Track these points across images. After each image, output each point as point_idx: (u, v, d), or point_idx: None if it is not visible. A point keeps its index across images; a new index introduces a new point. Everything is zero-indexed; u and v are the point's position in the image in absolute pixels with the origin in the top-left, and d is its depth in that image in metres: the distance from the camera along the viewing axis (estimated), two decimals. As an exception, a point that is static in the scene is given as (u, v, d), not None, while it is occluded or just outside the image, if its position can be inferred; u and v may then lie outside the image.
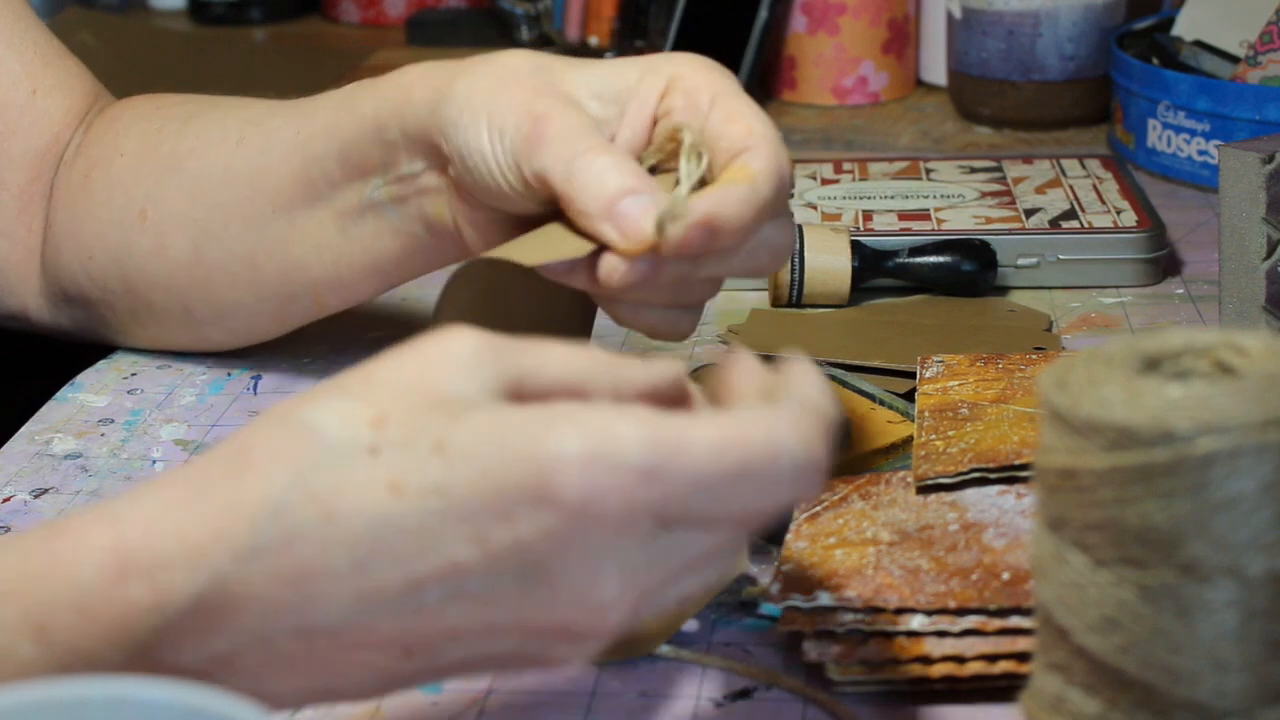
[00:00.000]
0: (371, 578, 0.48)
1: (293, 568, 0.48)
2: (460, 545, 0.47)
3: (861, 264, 0.93)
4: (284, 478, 0.48)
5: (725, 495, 0.49)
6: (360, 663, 0.49)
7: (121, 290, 0.87)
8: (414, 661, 0.50)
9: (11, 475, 0.80)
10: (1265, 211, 0.82)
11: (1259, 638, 0.52)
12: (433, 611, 0.48)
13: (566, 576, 0.48)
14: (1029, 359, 0.80)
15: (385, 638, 0.49)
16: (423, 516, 0.47)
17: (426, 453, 0.47)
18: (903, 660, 0.61)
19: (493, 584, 0.48)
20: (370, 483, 0.47)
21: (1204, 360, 0.54)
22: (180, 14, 1.77)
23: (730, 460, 0.48)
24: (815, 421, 0.50)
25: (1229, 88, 1.12)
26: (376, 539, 0.47)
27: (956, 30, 1.30)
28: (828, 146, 1.27)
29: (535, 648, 0.50)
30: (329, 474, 0.48)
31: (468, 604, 0.48)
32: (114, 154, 0.87)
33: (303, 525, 0.47)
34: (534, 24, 1.54)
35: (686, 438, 0.48)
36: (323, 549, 0.47)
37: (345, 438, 0.48)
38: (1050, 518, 0.54)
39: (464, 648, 0.50)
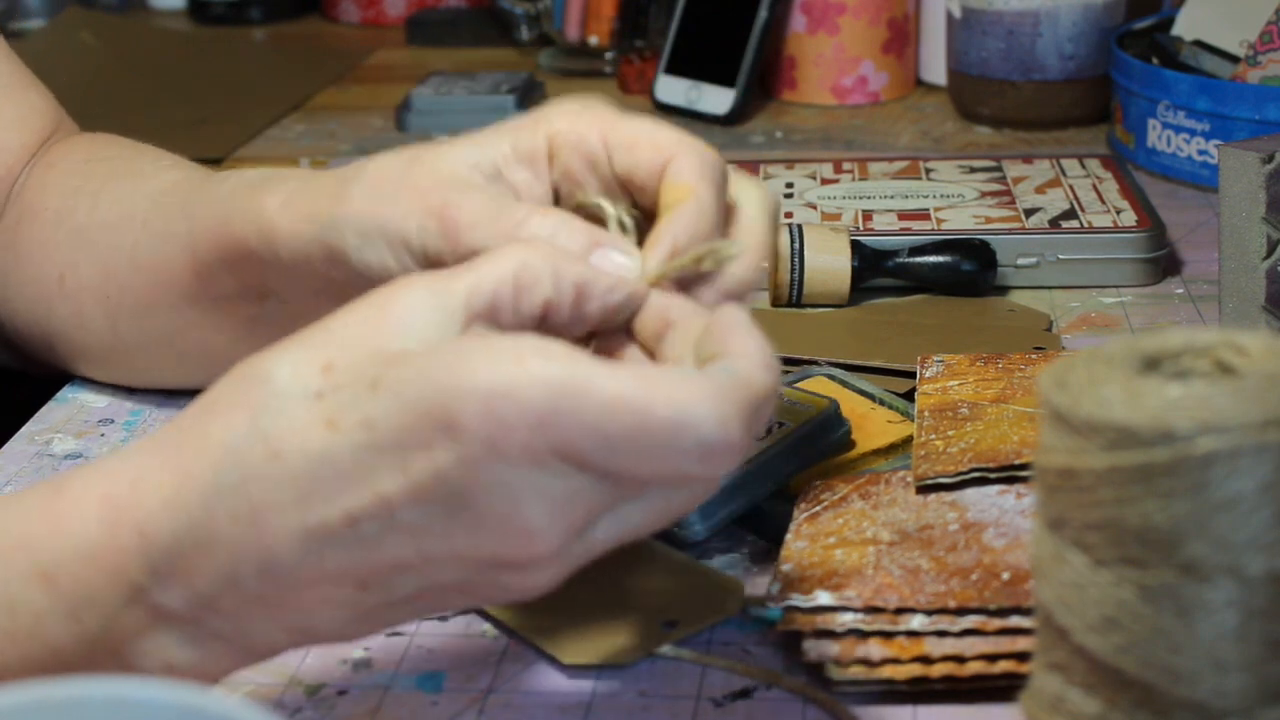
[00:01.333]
0: (314, 512, 0.50)
1: (248, 506, 0.51)
2: (386, 476, 0.50)
3: (861, 264, 0.93)
4: (240, 422, 0.51)
5: (624, 454, 0.50)
6: (323, 598, 0.52)
7: (43, 347, 0.86)
8: (371, 593, 0.52)
9: (11, 475, 0.80)
10: (1265, 211, 0.82)
11: (1259, 638, 0.52)
12: (372, 544, 0.51)
13: (487, 504, 0.50)
14: (1029, 359, 0.80)
15: (336, 572, 0.51)
16: (353, 450, 0.50)
17: (362, 390, 0.50)
18: (903, 660, 0.61)
19: (421, 514, 0.50)
20: (311, 422, 0.51)
21: (1204, 360, 0.54)
22: (180, 14, 1.77)
23: (627, 422, 0.49)
24: (739, 398, 0.50)
25: (1229, 88, 1.12)
26: (315, 474, 0.50)
27: (956, 30, 1.30)
28: (828, 146, 1.27)
29: (481, 578, 0.52)
30: (277, 416, 0.51)
31: (403, 535, 0.51)
32: (40, 208, 0.85)
33: (254, 466, 0.51)
34: (534, 24, 1.54)
35: (590, 387, 0.49)
36: (272, 487, 0.51)
37: (295, 384, 0.51)
38: (1050, 518, 0.54)
39: (414, 578, 0.52)
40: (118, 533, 0.53)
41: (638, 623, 0.66)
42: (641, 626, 0.65)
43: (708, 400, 0.50)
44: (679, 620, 0.66)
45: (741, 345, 0.53)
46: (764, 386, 0.52)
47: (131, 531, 0.52)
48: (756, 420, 0.52)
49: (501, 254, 0.54)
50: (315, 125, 1.36)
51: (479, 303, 0.53)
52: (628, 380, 0.49)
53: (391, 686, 0.64)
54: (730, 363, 0.52)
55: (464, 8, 1.65)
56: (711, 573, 0.69)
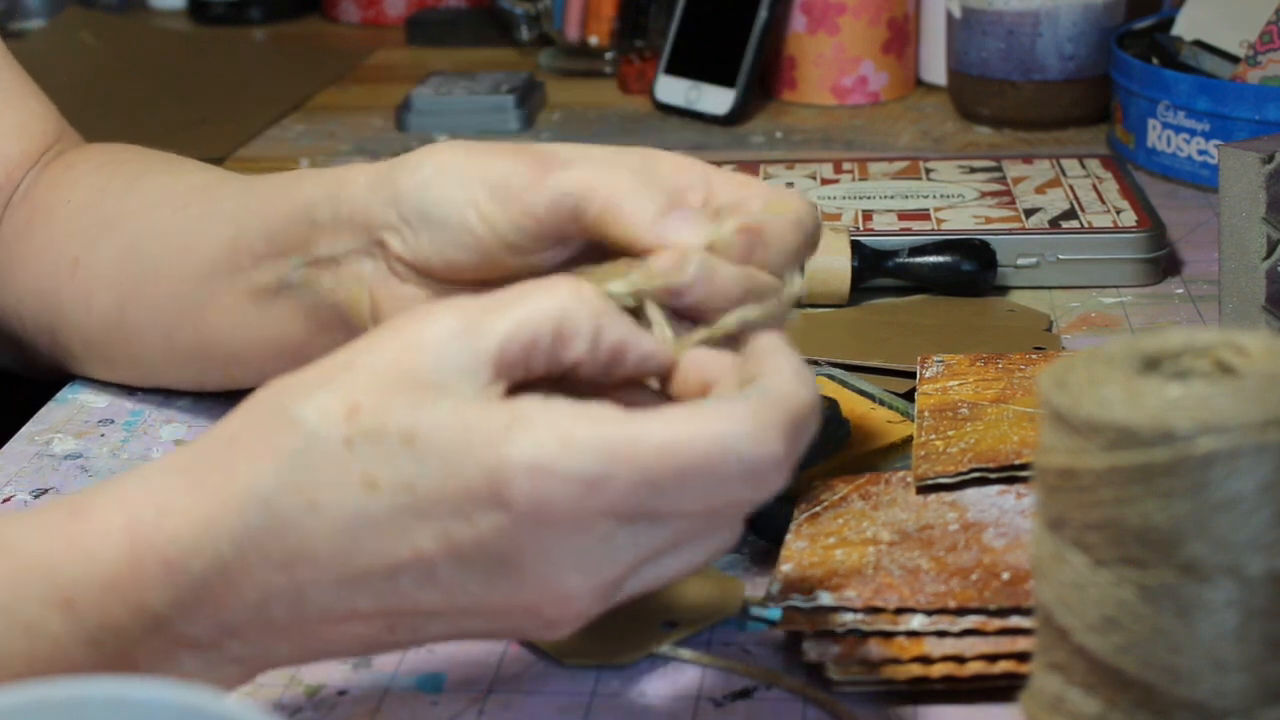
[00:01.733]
0: (351, 565, 0.51)
1: (282, 553, 0.51)
2: (428, 539, 0.51)
3: (861, 264, 0.93)
4: (269, 469, 0.51)
5: (676, 494, 0.50)
6: (349, 634, 0.53)
7: (47, 339, 0.87)
8: (398, 635, 0.53)
9: (11, 475, 0.80)
10: (1265, 211, 0.82)
11: (1259, 637, 0.51)
12: (408, 594, 0.52)
13: (528, 571, 0.51)
14: (1029, 359, 0.80)
15: (368, 614, 0.52)
16: (394, 511, 0.50)
17: (396, 446, 0.50)
18: (903, 660, 0.61)
19: (459, 574, 0.51)
20: (347, 476, 0.51)
21: (1204, 360, 0.54)
22: (180, 14, 1.77)
23: (678, 462, 0.50)
24: (776, 415, 0.51)
25: (1229, 88, 1.12)
26: (353, 531, 0.51)
27: (956, 30, 1.30)
28: (828, 146, 1.27)
29: (509, 627, 0.53)
30: (309, 467, 0.51)
31: (439, 589, 0.52)
32: (59, 202, 0.86)
33: (289, 515, 0.51)
34: (534, 24, 1.54)
35: (636, 442, 0.49)
36: (308, 537, 0.51)
37: (322, 428, 0.51)
38: (1050, 518, 0.54)
39: (442, 624, 0.53)
40: (141, 563, 0.52)
41: (637, 623, 0.66)
42: (641, 627, 0.65)
43: (744, 421, 0.50)
44: (679, 621, 0.66)
45: (775, 365, 0.53)
46: (800, 400, 0.52)
47: (156, 564, 0.52)
48: (799, 434, 0.52)
49: (544, 296, 0.53)
50: (315, 125, 1.36)
51: (513, 351, 0.52)
52: (666, 424, 0.50)
53: (391, 686, 0.64)
54: (764, 382, 0.52)
55: (464, 8, 1.65)
56: (712, 573, 0.69)
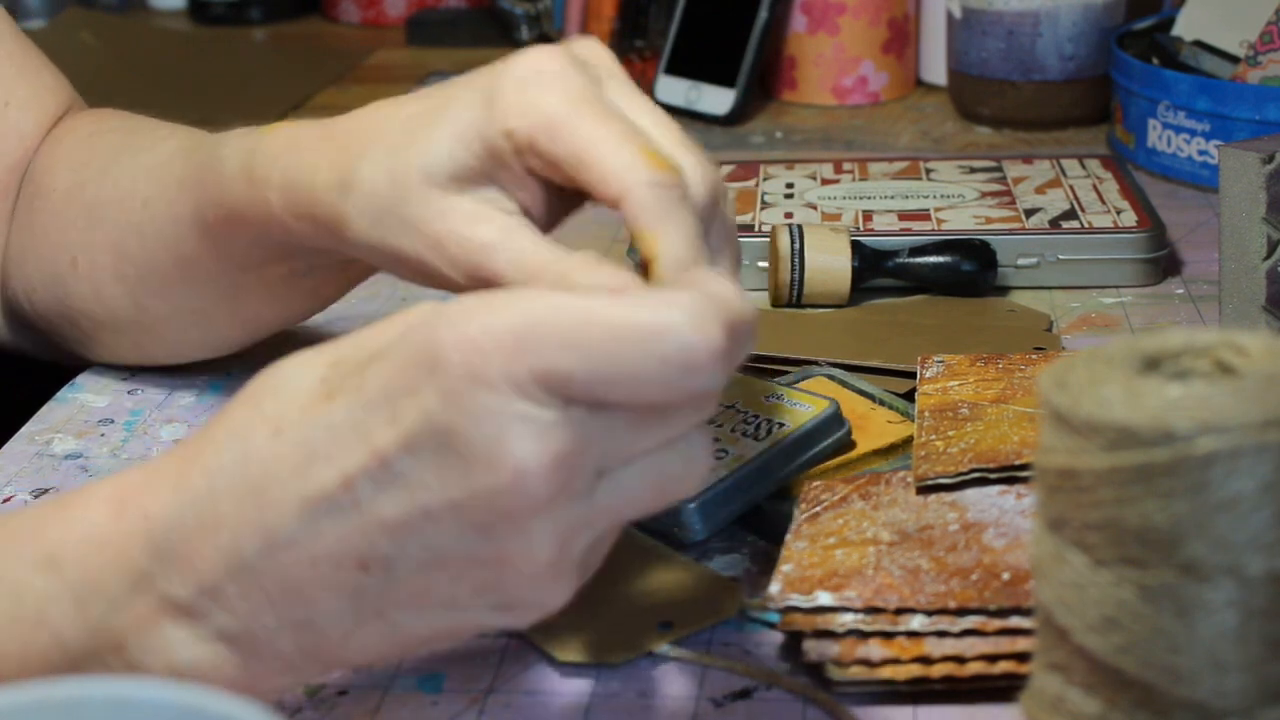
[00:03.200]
0: (312, 479, 0.51)
1: (247, 482, 0.52)
2: (379, 430, 0.50)
3: (861, 264, 0.93)
4: (243, 411, 0.53)
5: (605, 369, 0.49)
6: (324, 583, 0.52)
7: (66, 325, 0.86)
8: (373, 575, 0.52)
9: (11, 475, 0.80)
10: (1265, 211, 0.82)
11: (1259, 638, 0.52)
12: (369, 506, 0.51)
13: (475, 439, 0.49)
14: (1029, 359, 0.80)
15: (336, 545, 0.51)
16: (347, 411, 0.51)
17: (361, 365, 0.52)
18: (903, 660, 0.61)
19: (413, 463, 0.50)
20: (311, 397, 0.52)
21: (1204, 360, 0.54)
22: (180, 14, 1.77)
23: (603, 331, 0.49)
24: (715, 308, 0.50)
25: (1229, 88, 1.12)
26: (310, 441, 0.51)
27: (956, 30, 1.30)
28: (828, 146, 1.27)
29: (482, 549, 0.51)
30: (281, 399, 0.53)
31: (398, 491, 0.51)
32: (48, 189, 0.86)
33: (256, 443, 0.52)
34: (534, 24, 1.54)
35: (564, 303, 0.49)
36: (271, 459, 0.52)
37: (301, 374, 0.53)
38: (1050, 518, 0.54)
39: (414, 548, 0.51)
40: (124, 517, 0.53)
41: (634, 623, 0.66)
42: (638, 627, 0.65)
43: (684, 307, 0.50)
44: (675, 622, 0.66)
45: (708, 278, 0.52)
46: (741, 306, 0.51)
47: (137, 515, 0.53)
48: (736, 339, 0.51)
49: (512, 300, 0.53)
50: (315, 125, 1.36)
51: None
52: (602, 297, 0.50)
53: (391, 686, 0.64)
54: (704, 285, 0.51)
55: (464, 8, 1.65)
56: (710, 574, 0.69)
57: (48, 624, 0.53)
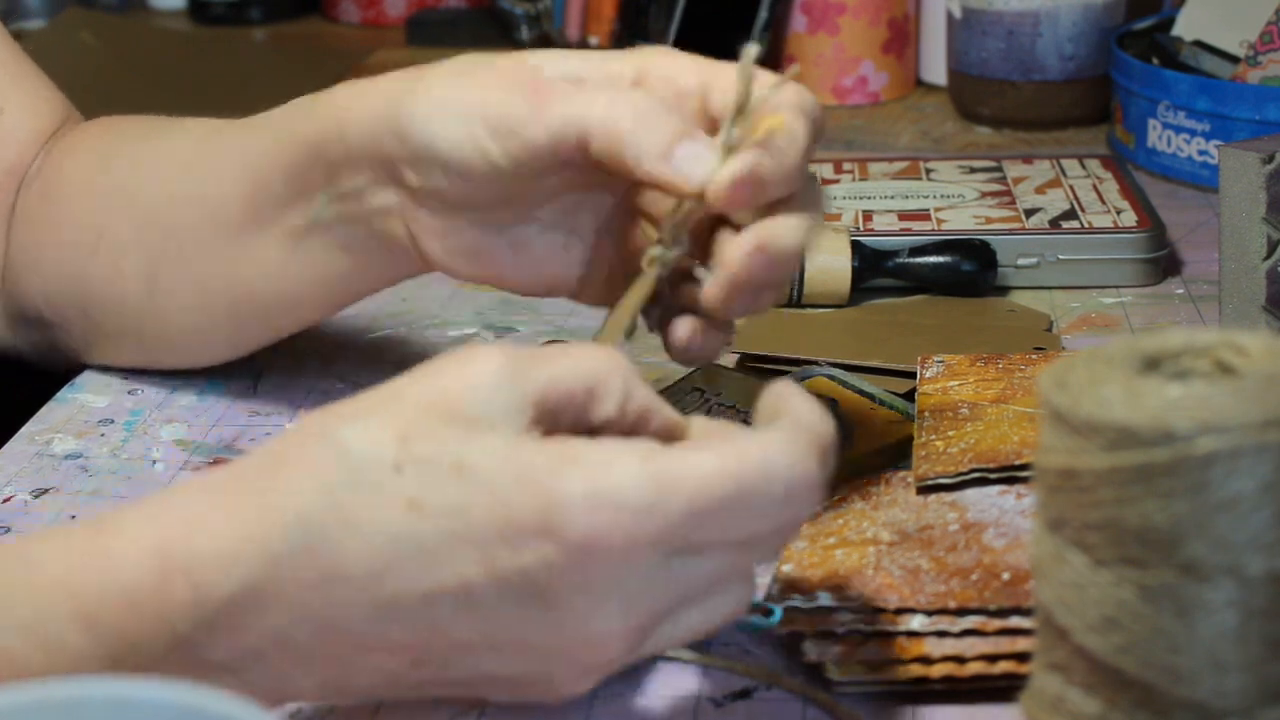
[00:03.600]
0: (387, 588, 0.51)
1: (316, 573, 0.51)
2: (471, 566, 0.50)
3: (861, 264, 0.93)
4: (313, 489, 0.51)
5: (723, 521, 0.51)
6: (373, 666, 0.52)
7: (77, 314, 0.86)
8: (422, 671, 0.52)
9: (12, 475, 0.80)
10: (1265, 211, 0.82)
11: (1259, 638, 0.51)
12: (443, 625, 0.51)
13: (569, 606, 0.51)
14: (1029, 359, 0.80)
15: (398, 644, 0.52)
16: (438, 535, 0.50)
17: (445, 473, 0.50)
18: (903, 660, 0.61)
19: (499, 604, 0.51)
20: (392, 498, 0.50)
21: (1204, 360, 0.54)
22: (180, 14, 1.77)
23: (726, 488, 0.51)
24: (808, 440, 0.53)
25: (1229, 88, 1.12)
26: (394, 552, 0.50)
27: (956, 30, 1.30)
28: (828, 146, 1.27)
29: (538, 671, 0.52)
30: (354, 487, 0.51)
31: (476, 620, 0.51)
32: (69, 178, 0.86)
33: (327, 534, 0.51)
34: (534, 24, 1.54)
35: (684, 471, 0.51)
36: (344, 558, 0.51)
37: (371, 453, 0.51)
38: (1050, 518, 0.54)
39: (470, 663, 0.52)
40: (168, 582, 0.52)
41: None
42: None
43: (782, 447, 0.52)
44: None
45: (795, 405, 0.54)
46: (825, 431, 0.54)
47: (184, 583, 0.51)
48: (827, 460, 0.54)
49: (582, 358, 0.55)
50: (315, 125, 1.36)
51: (553, 398, 0.54)
52: (712, 454, 0.51)
53: (391, 686, 0.63)
54: (790, 414, 0.54)
55: (464, 8, 1.65)
56: None
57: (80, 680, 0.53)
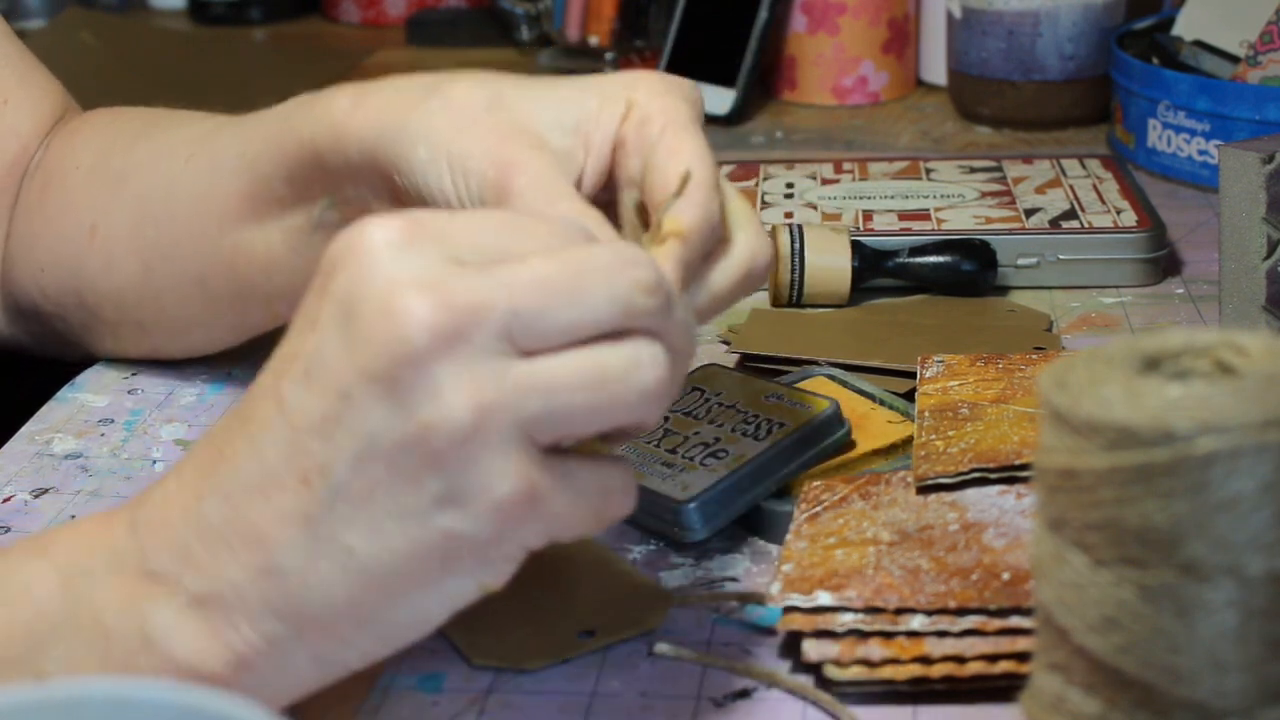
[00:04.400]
0: (252, 416, 0.54)
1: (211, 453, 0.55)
2: (298, 339, 0.54)
3: (861, 264, 0.93)
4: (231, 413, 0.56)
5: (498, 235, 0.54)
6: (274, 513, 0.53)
7: (74, 304, 0.87)
8: (314, 488, 0.52)
9: (11, 475, 0.80)
10: (1265, 211, 0.82)
11: (1259, 638, 0.52)
12: (296, 414, 0.53)
13: (370, 299, 0.52)
14: (1029, 359, 0.80)
15: (275, 465, 0.53)
16: (283, 343, 0.55)
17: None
18: (903, 660, 0.61)
19: (325, 351, 0.53)
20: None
21: (1204, 360, 0.54)
22: (180, 14, 1.77)
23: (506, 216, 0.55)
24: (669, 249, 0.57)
25: (1229, 88, 1.12)
26: (254, 390, 0.55)
27: (956, 30, 1.30)
28: (828, 146, 1.27)
29: (398, 416, 0.52)
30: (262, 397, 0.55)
31: (315, 384, 0.53)
32: (69, 169, 0.87)
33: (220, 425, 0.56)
34: (534, 24, 1.54)
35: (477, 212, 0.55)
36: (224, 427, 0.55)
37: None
38: (1050, 518, 0.54)
39: (344, 444, 0.52)
40: (114, 511, 0.57)
41: (554, 629, 0.65)
42: (558, 633, 0.65)
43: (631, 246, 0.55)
44: (598, 630, 0.65)
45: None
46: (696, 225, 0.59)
47: (124, 508, 0.57)
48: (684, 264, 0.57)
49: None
50: (315, 125, 1.36)
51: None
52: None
53: (391, 686, 0.64)
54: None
55: (464, 8, 1.65)
56: (640, 583, 0.68)
57: (32, 597, 0.56)
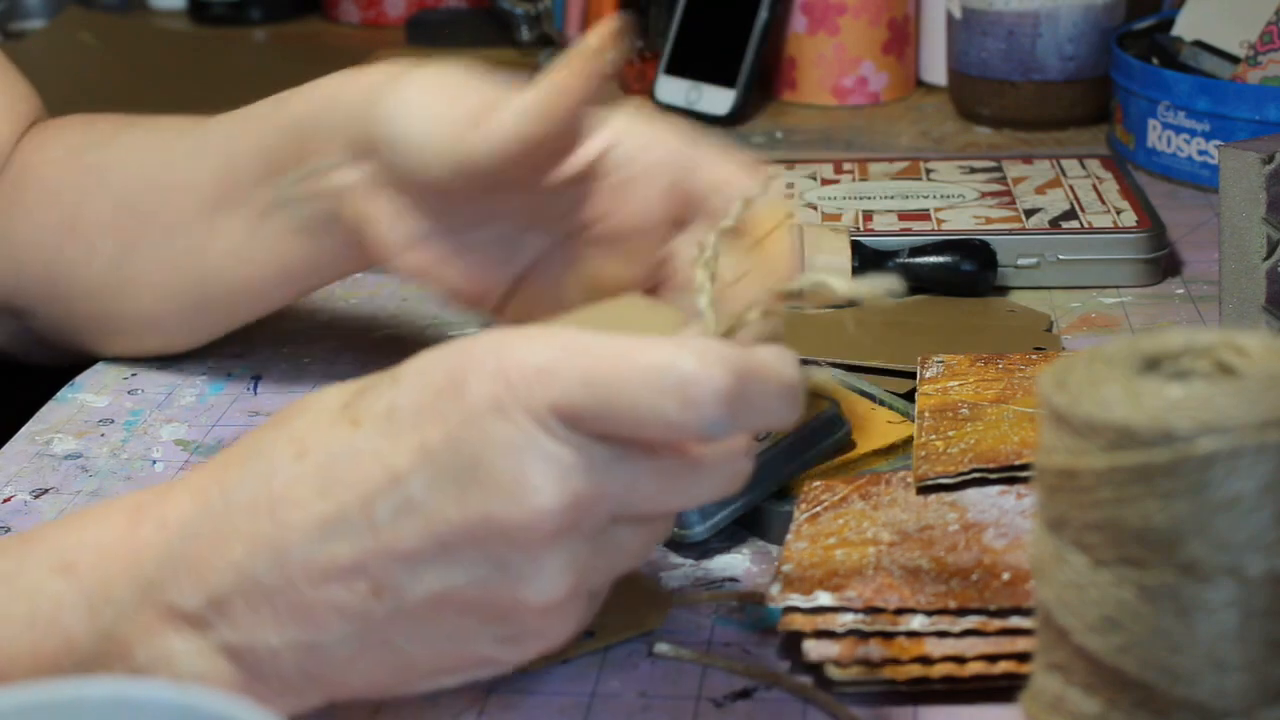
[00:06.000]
0: (329, 500, 0.52)
1: (267, 498, 0.53)
2: (401, 455, 0.52)
3: (861, 264, 0.93)
4: (272, 431, 0.55)
5: (613, 402, 0.51)
6: (332, 603, 0.52)
7: (46, 299, 0.87)
8: (382, 600, 0.52)
9: (11, 475, 0.80)
10: (1265, 211, 0.82)
11: (1259, 638, 0.52)
12: (384, 532, 0.52)
13: (497, 471, 0.51)
14: (1029, 359, 0.80)
15: (348, 564, 0.52)
16: (373, 438, 0.52)
17: (385, 386, 0.53)
18: (903, 660, 0.61)
19: (433, 492, 0.51)
20: (337, 421, 0.53)
21: (1204, 360, 0.54)
22: (180, 14, 1.77)
23: (614, 368, 0.51)
24: (727, 354, 0.51)
25: (1229, 88, 1.12)
26: (333, 464, 0.53)
27: (956, 30, 1.30)
28: (828, 146, 1.27)
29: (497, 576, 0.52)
30: (308, 424, 0.54)
31: (416, 518, 0.51)
32: (43, 162, 0.88)
33: (278, 462, 0.53)
34: (534, 24, 1.54)
35: (587, 345, 0.51)
36: (292, 480, 0.53)
37: (329, 401, 0.55)
38: (1050, 518, 0.54)
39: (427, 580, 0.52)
40: (140, 525, 0.55)
41: None
42: None
43: (694, 348, 0.51)
44: (596, 630, 0.65)
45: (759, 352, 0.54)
46: (764, 360, 0.52)
47: (153, 524, 0.54)
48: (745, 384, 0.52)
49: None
50: (315, 125, 1.36)
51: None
52: (623, 338, 0.52)
53: (391, 686, 0.63)
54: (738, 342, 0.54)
55: (464, 8, 1.65)
56: (641, 583, 0.68)
57: (60, 627, 0.54)
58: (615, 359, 0.51)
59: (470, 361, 0.52)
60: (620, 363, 0.51)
